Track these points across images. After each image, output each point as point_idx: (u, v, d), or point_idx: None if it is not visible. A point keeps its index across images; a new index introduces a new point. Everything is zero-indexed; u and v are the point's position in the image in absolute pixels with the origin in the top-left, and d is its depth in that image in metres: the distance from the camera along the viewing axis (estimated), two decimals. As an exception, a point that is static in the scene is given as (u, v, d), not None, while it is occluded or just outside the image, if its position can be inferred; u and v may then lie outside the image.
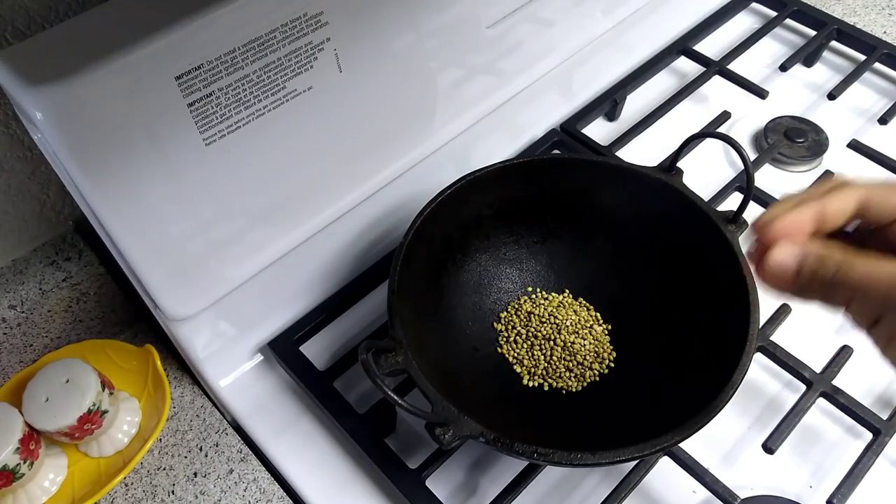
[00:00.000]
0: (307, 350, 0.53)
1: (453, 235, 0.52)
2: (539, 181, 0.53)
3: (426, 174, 0.57)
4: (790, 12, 0.74)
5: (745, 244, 0.50)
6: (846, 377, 0.50)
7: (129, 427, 0.50)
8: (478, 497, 0.48)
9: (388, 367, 0.41)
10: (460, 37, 0.53)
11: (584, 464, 0.39)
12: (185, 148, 0.41)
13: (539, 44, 0.60)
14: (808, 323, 0.55)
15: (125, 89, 0.37)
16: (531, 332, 0.52)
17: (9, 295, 0.52)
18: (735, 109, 0.68)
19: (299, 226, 0.51)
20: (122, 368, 0.52)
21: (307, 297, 0.55)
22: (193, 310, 0.47)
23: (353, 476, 0.49)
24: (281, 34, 0.41)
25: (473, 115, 0.58)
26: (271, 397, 0.53)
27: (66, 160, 0.37)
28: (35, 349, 0.54)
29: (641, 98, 0.70)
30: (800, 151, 0.64)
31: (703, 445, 0.48)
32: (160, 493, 0.49)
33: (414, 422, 0.51)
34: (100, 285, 0.55)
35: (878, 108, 0.69)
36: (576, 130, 0.66)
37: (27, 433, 0.45)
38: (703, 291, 0.49)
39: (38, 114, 0.35)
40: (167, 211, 0.42)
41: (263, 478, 0.50)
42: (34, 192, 0.51)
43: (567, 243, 0.55)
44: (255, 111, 0.43)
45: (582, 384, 0.51)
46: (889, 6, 0.79)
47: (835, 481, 0.46)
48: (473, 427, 0.39)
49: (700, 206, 0.49)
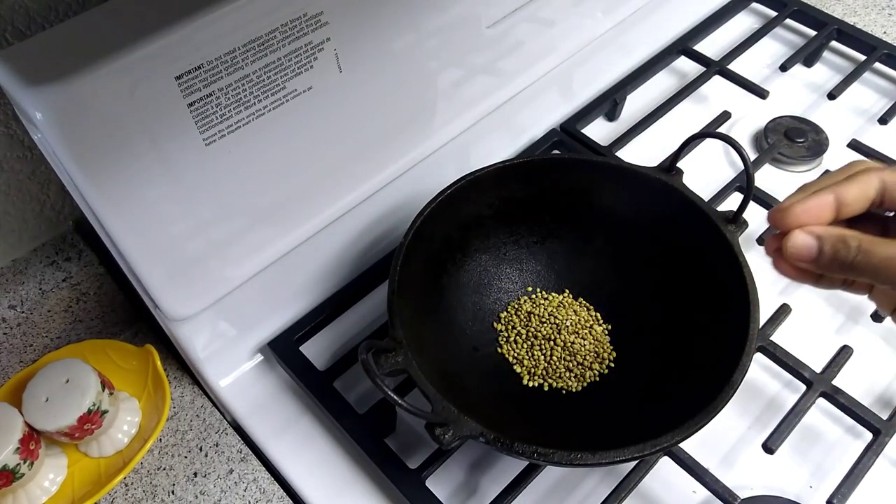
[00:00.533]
0: (307, 350, 0.53)
1: (453, 235, 0.52)
2: (539, 181, 0.53)
3: (426, 174, 0.57)
4: (790, 12, 0.74)
5: (746, 244, 0.50)
6: (846, 377, 0.50)
7: (129, 427, 0.50)
8: (478, 497, 0.48)
9: (388, 367, 0.41)
10: (460, 37, 0.53)
11: (584, 464, 0.39)
12: (185, 148, 0.41)
13: (539, 44, 0.60)
14: (808, 323, 0.55)
15: (125, 89, 0.37)
16: (531, 332, 0.52)
17: (9, 295, 0.52)
18: (735, 109, 0.68)
19: (299, 226, 0.51)
20: (122, 368, 0.52)
21: (307, 297, 0.55)
22: (193, 310, 0.47)
23: (353, 476, 0.49)
24: (281, 34, 0.41)
25: (473, 115, 0.58)
26: (271, 397, 0.53)
27: (66, 160, 0.37)
28: (35, 349, 0.54)
29: (641, 98, 0.70)
30: (800, 151, 0.64)
31: (703, 445, 0.48)
32: (160, 493, 0.49)
33: (414, 422, 0.51)
34: (100, 285, 0.55)
35: (878, 108, 0.69)
36: (576, 130, 0.66)
37: (27, 433, 0.45)
38: (703, 291, 0.49)
39: (38, 114, 0.35)
40: (167, 211, 0.42)
41: (263, 478, 0.50)
42: (34, 192, 0.51)
43: (567, 243, 0.55)
44: (255, 111, 0.43)
45: (582, 384, 0.51)
46: (889, 6, 0.78)
47: (835, 481, 0.46)
48: (473, 427, 0.39)
49: (700, 206, 0.49)
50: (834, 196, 0.34)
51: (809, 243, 0.34)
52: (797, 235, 0.34)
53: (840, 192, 0.34)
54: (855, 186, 0.34)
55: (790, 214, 0.34)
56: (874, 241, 0.32)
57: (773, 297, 0.56)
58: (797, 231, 0.34)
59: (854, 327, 0.55)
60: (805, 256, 0.34)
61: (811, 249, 0.34)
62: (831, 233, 0.33)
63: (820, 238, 0.34)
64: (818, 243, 0.34)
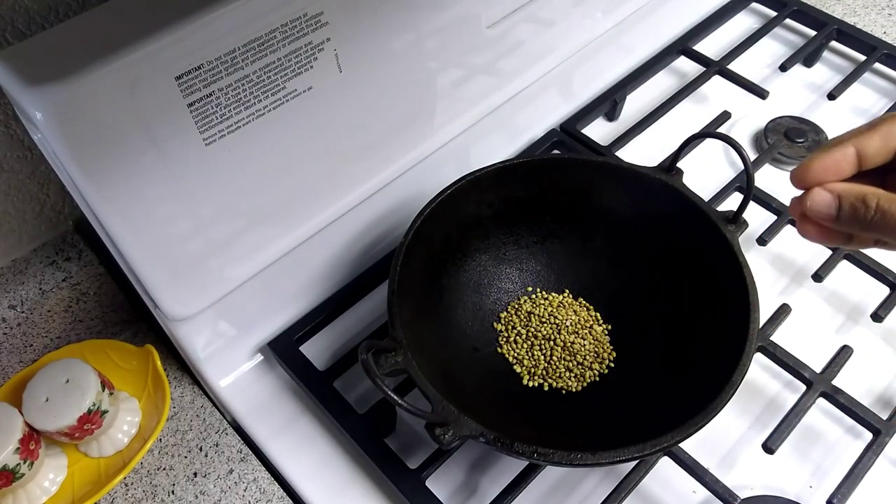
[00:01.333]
0: (307, 350, 0.53)
1: (453, 235, 0.52)
2: (539, 181, 0.53)
3: (426, 174, 0.57)
4: (790, 12, 0.74)
5: (746, 244, 0.50)
6: (846, 377, 0.50)
7: (129, 427, 0.50)
8: (478, 497, 0.48)
9: (388, 367, 0.41)
10: (460, 37, 0.53)
11: (584, 464, 0.39)
12: (185, 148, 0.41)
13: (539, 44, 0.60)
14: (808, 323, 0.55)
15: (125, 89, 0.37)
16: (531, 332, 0.52)
17: (9, 295, 0.52)
18: (735, 109, 0.68)
19: (299, 226, 0.51)
20: (122, 368, 0.52)
21: (307, 297, 0.55)
22: (193, 310, 0.47)
23: (353, 476, 0.49)
24: (281, 34, 0.41)
25: (473, 115, 0.58)
26: (271, 397, 0.53)
27: (66, 160, 0.37)
28: (35, 349, 0.54)
29: (641, 98, 0.70)
30: (800, 151, 0.64)
31: (703, 445, 0.48)
32: (160, 493, 0.49)
33: (414, 422, 0.51)
34: (100, 285, 0.55)
35: (878, 109, 0.69)
36: (576, 130, 0.66)
37: (27, 433, 0.45)
38: (703, 291, 0.49)
39: (38, 114, 0.35)
40: (167, 211, 0.42)
41: (263, 478, 0.50)
42: (34, 192, 0.51)
43: (567, 243, 0.55)
44: (255, 111, 0.43)
45: (582, 384, 0.51)
46: (889, 6, 0.79)
47: (835, 481, 0.46)
48: (473, 427, 0.39)
49: (700, 206, 0.49)
50: (854, 149, 0.33)
51: (829, 201, 0.33)
52: (817, 193, 0.33)
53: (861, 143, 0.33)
54: (877, 137, 0.32)
55: (810, 171, 0.33)
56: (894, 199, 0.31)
57: (773, 297, 0.56)
58: (817, 189, 0.33)
59: (854, 327, 0.55)
60: (825, 215, 0.33)
61: (830, 207, 0.33)
62: (851, 191, 0.32)
63: (840, 196, 0.32)
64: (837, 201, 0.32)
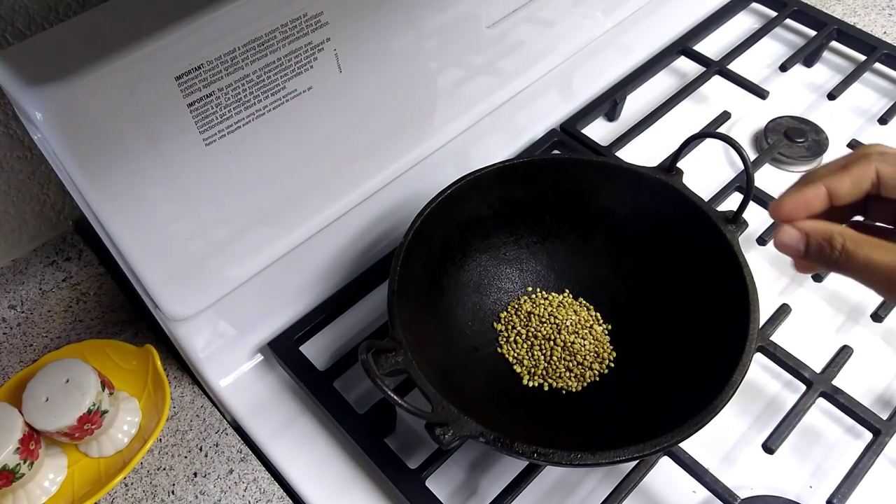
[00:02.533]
0: (307, 350, 0.53)
1: (453, 235, 0.52)
2: (539, 181, 0.53)
3: (426, 174, 0.57)
4: (790, 12, 0.74)
5: (746, 244, 0.50)
6: (846, 377, 0.50)
7: (129, 427, 0.50)
8: (478, 497, 0.48)
9: (388, 367, 0.41)
10: (460, 37, 0.53)
11: (584, 464, 0.39)
12: (185, 148, 0.41)
13: (539, 44, 0.60)
14: (808, 323, 0.55)
15: (125, 89, 0.37)
16: (531, 332, 0.52)
17: (9, 295, 0.52)
18: (735, 109, 0.68)
19: (299, 226, 0.51)
20: (122, 368, 0.52)
21: (307, 297, 0.55)
22: (193, 310, 0.47)
23: (353, 476, 0.49)
24: (281, 34, 0.41)
25: (473, 115, 0.58)
26: (271, 397, 0.53)
27: (66, 160, 0.37)
28: (35, 349, 0.54)
29: (641, 98, 0.70)
30: (800, 151, 0.64)
31: (703, 445, 0.48)
32: (160, 493, 0.49)
33: (414, 422, 0.51)
34: (100, 285, 0.55)
35: (878, 108, 0.69)
36: (576, 130, 0.66)
37: (27, 433, 0.45)
38: (703, 291, 0.49)
39: (38, 114, 0.35)
40: (167, 211, 0.42)
41: (263, 478, 0.50)
42: (34, 192, 0.51)
43: (567, 243, 0.55)
44: (255, 111, 0.43)
45: (582, 384, 0.51)
46: (889, 6, 0.79)
47: (835, 481, 0.46)
48: (473, 427, 0.39)
49: (700, 206, 0.49)
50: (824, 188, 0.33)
51: (797, 239, 0.33)
52: (785, 231, 0.34)
53: (832, 184, 0.33)
54: (848, 178, 0.33)
55: (781, 208, 0.34)
56: (859, 241, 0.32)
57: (773, 297, 0.56)
58: (786, 226, 0.34)
59: (854, 327, 0.55)
60: (794, 251, 0.34)
61: (799, 244, 0.33)
62: (818, 230, 0.33)
63: (808, 234, 0.33)
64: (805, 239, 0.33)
